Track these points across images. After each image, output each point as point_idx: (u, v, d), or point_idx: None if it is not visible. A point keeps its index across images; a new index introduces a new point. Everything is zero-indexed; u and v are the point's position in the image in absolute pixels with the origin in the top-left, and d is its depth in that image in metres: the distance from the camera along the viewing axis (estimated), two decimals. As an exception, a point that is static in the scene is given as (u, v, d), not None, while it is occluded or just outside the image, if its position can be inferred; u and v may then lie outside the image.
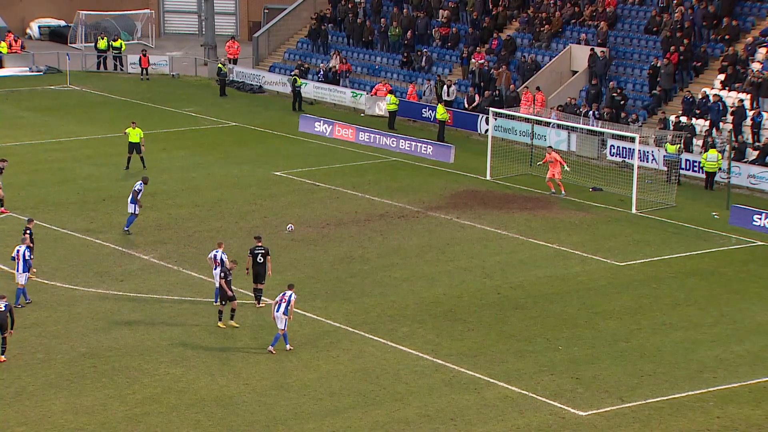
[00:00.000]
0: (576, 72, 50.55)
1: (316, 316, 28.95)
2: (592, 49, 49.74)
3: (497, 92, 50.08)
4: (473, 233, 36.02)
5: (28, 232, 30.63)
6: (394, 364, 26.32)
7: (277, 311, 26.62)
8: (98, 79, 61.29)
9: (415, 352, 26.91)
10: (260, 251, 29.03)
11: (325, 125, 49.41)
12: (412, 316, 29.20)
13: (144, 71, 61.17)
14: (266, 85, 58.50)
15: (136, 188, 35.08)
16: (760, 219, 36.65)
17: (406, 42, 56.25)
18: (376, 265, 32.87)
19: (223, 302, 27.96)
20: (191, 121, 51.78)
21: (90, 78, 61.26)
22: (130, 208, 35.07)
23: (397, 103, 50.91)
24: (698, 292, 31.37)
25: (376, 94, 53.04)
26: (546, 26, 52.92)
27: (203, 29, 68.47)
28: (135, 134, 42.55)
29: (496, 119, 46.60)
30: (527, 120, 46.21)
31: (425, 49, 55.57)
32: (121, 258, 33.05)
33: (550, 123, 46.37)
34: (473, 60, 52.68)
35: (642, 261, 33.80)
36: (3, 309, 25.63)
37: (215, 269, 28.97)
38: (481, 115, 49.22)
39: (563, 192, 40.15)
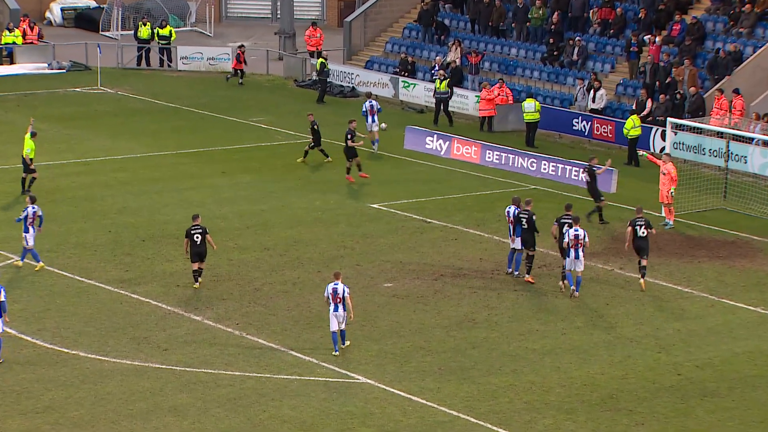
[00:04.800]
0: (790, 69, 50.31)
1: (425, 400, 28.96)
2: (812, 37, 49.40)
3: (679, 96, 49.75)
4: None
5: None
6: (533, 469, 26.28)
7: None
8: (138, 78, 62.51)
9: (561, 454, 26.84)
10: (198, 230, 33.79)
11: (440, 141, 49.62)
12: (557, 403, 29.06)
13: (239, 73, 60.82)
14: (361, 86, 59.06)
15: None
16: None
17: (552, 28, 56.30)
18: (508, 333, 32.82)
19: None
20: (261, 134, 52.45)
21: (128, 77, 62.50)
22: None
23: (539, 111, 50.93)
24: None
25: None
26: (748, 5, 52.47)
27: (278, 12, 69.52)
28: (27, 146, 42.46)
29: (676, 133, 46.27)
30: (720, 135, 45.80)
31: (578, 38, 55.54)
32: (164, 319, 33.51)
33: (752, 139, 45.89)
34: (645, 52, 52.44)
35: None
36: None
37: (334, 309, 30.46)
38: (654, 128, 48.98)
39: (670, 221, 40.27)
